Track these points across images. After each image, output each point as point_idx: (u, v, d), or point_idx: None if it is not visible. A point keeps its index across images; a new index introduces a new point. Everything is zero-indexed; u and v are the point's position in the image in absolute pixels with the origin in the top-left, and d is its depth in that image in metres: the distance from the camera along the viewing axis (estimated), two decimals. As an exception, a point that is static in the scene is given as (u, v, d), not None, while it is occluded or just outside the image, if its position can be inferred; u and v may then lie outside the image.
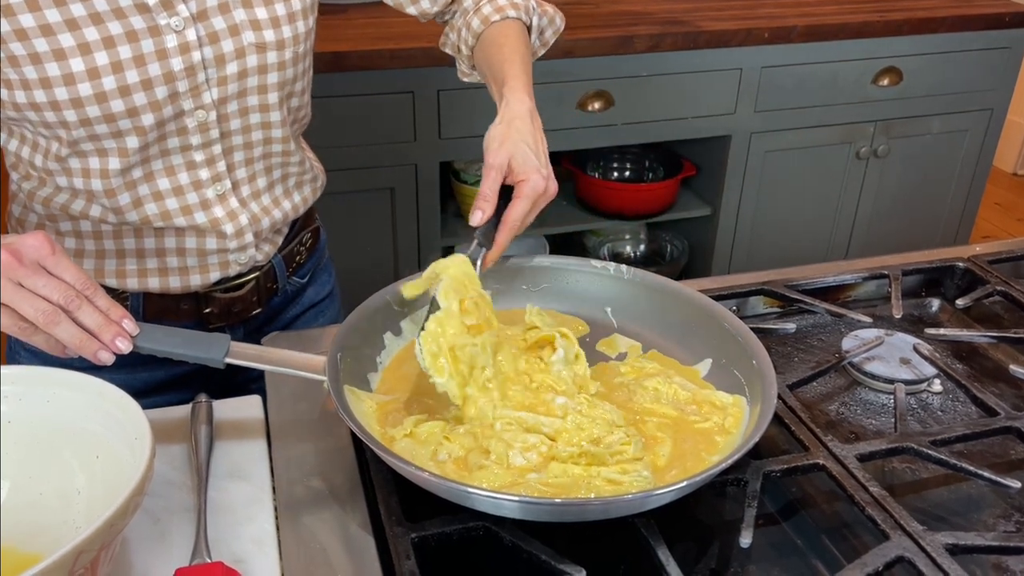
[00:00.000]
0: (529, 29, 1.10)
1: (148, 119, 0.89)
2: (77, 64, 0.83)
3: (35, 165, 0.93)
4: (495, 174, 0.92)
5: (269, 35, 0.93)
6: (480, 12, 1.08)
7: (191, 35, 0.88)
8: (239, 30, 0.91)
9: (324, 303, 1.21)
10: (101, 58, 0.84)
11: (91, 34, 0.83)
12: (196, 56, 0.89)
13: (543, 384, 0.87)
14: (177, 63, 0.88)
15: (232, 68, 0.92)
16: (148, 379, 1.04)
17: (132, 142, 0.90)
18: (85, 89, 0.84)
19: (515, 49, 1.04)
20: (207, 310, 1.04)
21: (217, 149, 0.96)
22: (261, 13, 0.93)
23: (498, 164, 0.92)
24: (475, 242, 0.93)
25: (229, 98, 0.93)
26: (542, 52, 1.16)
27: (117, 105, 0.86)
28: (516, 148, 0.92)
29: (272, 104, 0.97)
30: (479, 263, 0.92)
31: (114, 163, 0.91)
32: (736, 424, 0.85)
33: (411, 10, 1.12)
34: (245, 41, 0.92)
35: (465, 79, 1.17)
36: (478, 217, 0.92)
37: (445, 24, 1.16)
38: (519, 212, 0.92)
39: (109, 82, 0.85)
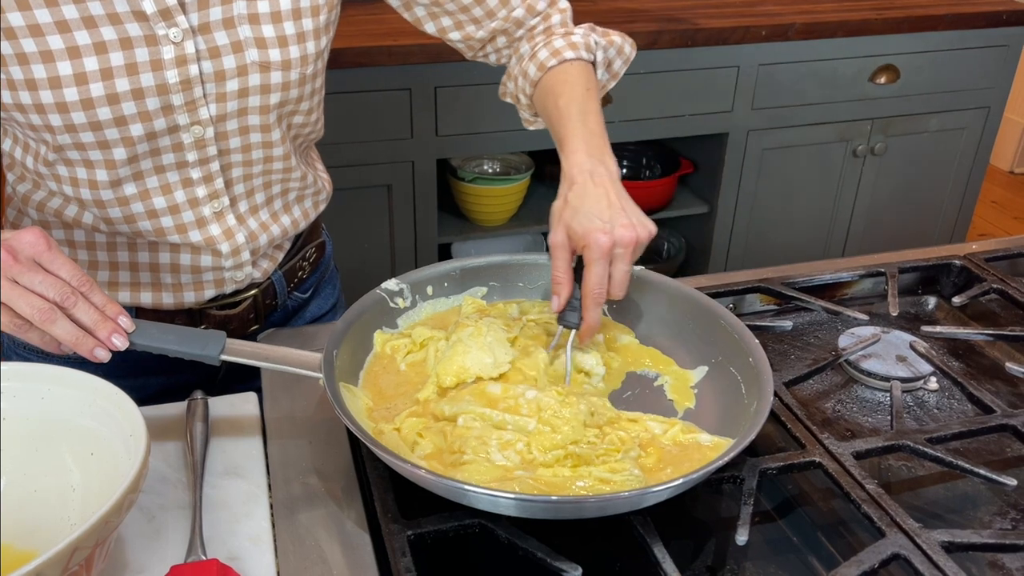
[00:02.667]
0: (594, 65, 1.02)
1: (137, 129, 0.86)
2: (64, 68, 0.81)
3: (27, 167, 0.92)
4: (560, 253, 0.88)
5: (275, 54, 0.89)
6: (536, 58, 1.01)
7: (189, 48, 0.85)
8: (242, 47, 0.88)
9: (328, 316, 1.18)
10: (90, 63, 0.82)
11: (82, 38, 0.81)
12: (193, 70, 0.86)
13: (515, 367, 0.87)
14: (172, 75, 0.85)
15: (232, 85, 0.89)
16: (143, 388, 1.02)
17: (119, 153, 0.87)
18: (71, 94, 0.82)
19: (571, 99, 0.96)
20: (201, 327, 1.02)
21: (215, 166, 0.93)
22: (268, 31, 0.89)
23: (558, 242, 0.88)
24: (560, 329, 0.91)
25: (228, 116, 0.90)
26: (612, 85, 1.09)
27: (104, 112, 0.84)
28: (571, 219, 0.87)
29: (273, 123, 0.94)
30: (570, 343, 0.90)
31: (102, 175, 0.89)
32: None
33: (454, 36, 1.05)
34: (248, 59, 0.88)
35: (531, 127, 1.11)
36: (556, 302, 0.89)
37: (499, 61, 1.09)
38: (594, 278, 0.86)
39: (96, 88, 0.82)
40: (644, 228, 0.87)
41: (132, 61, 0.83)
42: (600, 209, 0.86)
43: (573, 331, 0.90)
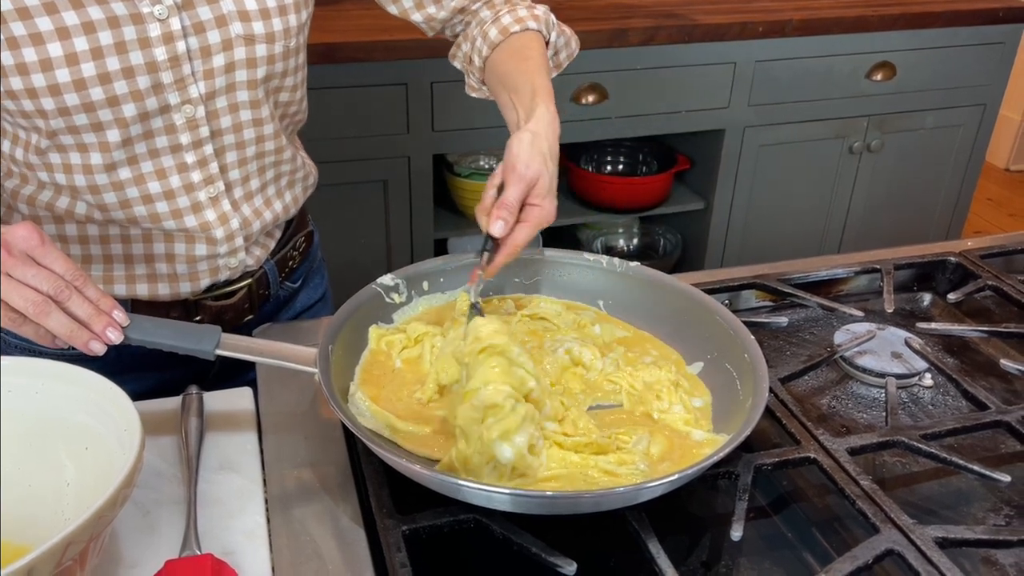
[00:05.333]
0: (547, 45, 1.06)
1: (129, 109, 0.86)
2: (55, 49, 0.81)
3: (16, 159, 0.91)
4: (525, 187, 0.89)
5: (258, 27, 0.90)
6: (499, 22, 1.04)
7: (175, 24, 0.86)
8: (226, 21, 0.89)
9: (317, 306, 1.19)
10: (80, 43, 0.82)
11: (70, 18, 0.81)
12: (181, 46, 0.86)
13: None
14: (160, 53, 0.85)
15: (219, 60, 0.89)
16: (137, 385, 1.02)
17: (113, 135, 0.87)
18: (63, 75, 0.82)
19: (541, 63, 1.00)
20: (197, 318, 1.02)
21: (208, 149, 0.93)
22: (250, 4, 0.90)
23: (530, 177, 0.89)
24: (485, 254, 0.90)
25: (217, 93, 0.91)
26: (554, 74, 1.08)
27: (96, 93, 0.84)
28: (545, 168, 0.89)
29: (262, 99, 0.95)
30: (480, 275, 0.91)
31: (96, 158, 0.88)
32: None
33: (416, 17, 1.08)
34: (232, 33, 0.89)
35: (473, 94, 1.12)
36: (499, 228, 0.88)
37: (455, 37, 1.12)
38: (524, 238, 0.89)
39: (88, 68, 0.82)
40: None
41: (120, 40, 0.83)
42: (554, 176, 0.91)
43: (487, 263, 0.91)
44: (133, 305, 0.99)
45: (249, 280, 1.05)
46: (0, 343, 1.00)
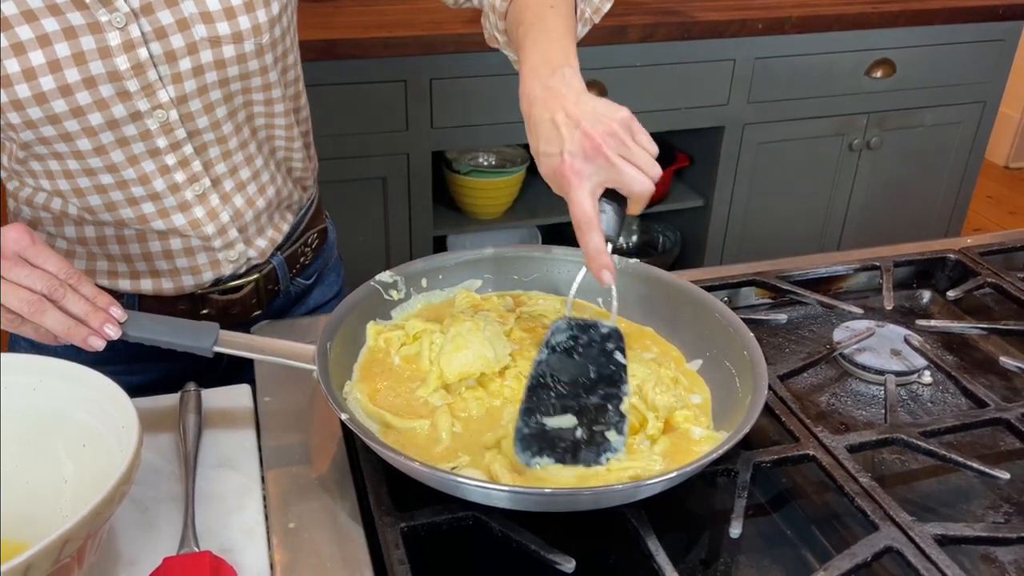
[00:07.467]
0: None
1: (96, 119, 0.85)
2: (11, 65, 0.80)
3: (4, 165, 0.92)
4: (583, 226, 0.78)
5: (223, 28, 0.87)
6: None
7: (135, 31, 0.83)
8: (188, 24, 0.86)
9: (331, 304, 1.18)
10: (36, 57, 0.80)
11: (24, 32, 0.80)
12: (143, 53, 0.84)
13: (515, 360, 0.90)
14: (122, 61, 0.84)
15: (185, 64, 0.87)
16: (144, 376, 1.02)
17: (84, 144, 0.86)
18: (23, 90, 0.81)
19: (531, 22, 0.88)
20: (203, 312, 1.02)
21: (188, 149, 0.92)
22: (213, 4, 0.86)
23: (578, 214, 0.78)
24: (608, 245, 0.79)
25: (189, 96, 0.89)
26: (584, 32, 0.97)
27: (59, 105, 0.83)
28: (540, 165, 0.81)
29: (236, 92, 0.92)
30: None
31: (73, 165, 0.88)
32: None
33: None
34: (196, 36, 0.86)
35: (510, 57, 1.00)
36: (608, 277, 0.79)
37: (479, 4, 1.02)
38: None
39: (47, 82, 0.81)
40: (610, 119, 0.78)
41: (79, 50, 0.82)
42: (551, 137, 0.78)
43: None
44: (140, 300, 0.99)
45: (256, 275, 1.04)
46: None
